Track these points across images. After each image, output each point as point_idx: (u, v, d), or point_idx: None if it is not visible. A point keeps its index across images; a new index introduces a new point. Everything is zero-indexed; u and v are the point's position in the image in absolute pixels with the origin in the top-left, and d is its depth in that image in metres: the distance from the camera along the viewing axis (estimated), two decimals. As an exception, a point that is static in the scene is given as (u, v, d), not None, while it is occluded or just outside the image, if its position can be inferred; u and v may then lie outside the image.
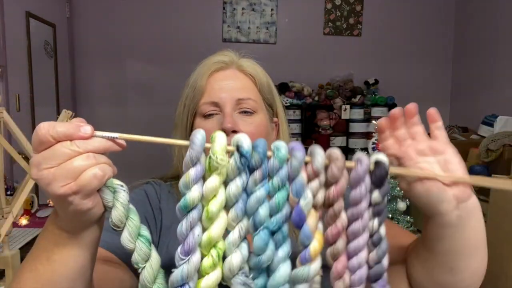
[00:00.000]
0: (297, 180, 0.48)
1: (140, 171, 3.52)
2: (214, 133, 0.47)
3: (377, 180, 0.51)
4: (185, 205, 0.45)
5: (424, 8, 3.83)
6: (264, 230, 0.47)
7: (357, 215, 0.51)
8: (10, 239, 1.62)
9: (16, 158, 1.23)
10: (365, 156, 0.51)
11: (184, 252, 0.45)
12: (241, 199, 0.47)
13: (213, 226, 0.46)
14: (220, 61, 0.79)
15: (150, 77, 3.62)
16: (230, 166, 0.46)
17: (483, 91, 3.46)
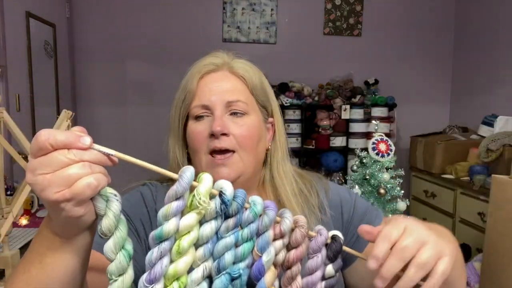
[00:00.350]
0: (264, 236, 0.52)
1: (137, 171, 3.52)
2: (201, 174, 0.50)
3: (331, 254, 0.55)
4: (159, 235, 0.47)
5: (424, 8, 3.83)
6: (226, 275, 0.50)
7: (311, 284, 0.55)
8: (10, 239, 1.62)
9: (16, 158, 1.23)
10: (324, 230, 0.55)
11: (149, 280, 0.46)
12: (211, 241, 0.50)
13: (181, 261, 0.48)
14: (211, 63, 0.79)
15: (150, 77, 3.62)
16: (209, 209, 0.49)
17: (483, 91, 3.46)
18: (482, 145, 2.69)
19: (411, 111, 3.76)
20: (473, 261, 2.29)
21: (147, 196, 0.79)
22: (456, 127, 3.44)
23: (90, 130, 0.48)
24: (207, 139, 0.75)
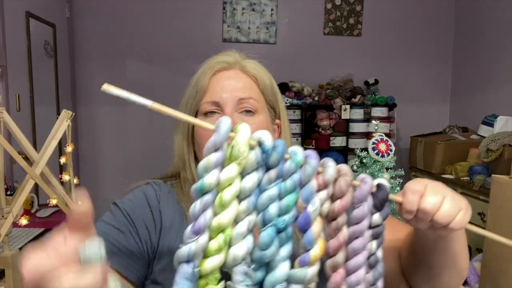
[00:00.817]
0: (308, 187, 0.50)
1: (139, 171, 3.52)
2: (239, 124, 0.49)
3: (378, 203, 0.53)
4: (201, 188, 0.46)
5: (424, 8, 3.83)
6: (272, 227, 0.49)
7: (358, 233, 0.53)
8: (10, 239, 1.62)
9: (16, 158, 1.23)
10: (369, 177, 0.54)
11: (193, 231, 0.46)
12: (254, 194, 0.49)
13: (224, 213, 0.47)
14: (223, 61, 0.80)
15: (150, 77, 3.62)
16: (250, 160, 0.48)
17: (483, 91, 3.46)
18: (482, 145, 2.69)
19: (411, 111, 3.76)
20: (473, 261, 2.29)
21: (151, 195, 0.78)
22: (456, 127, 3.44)
23: (90, 130, 0.48)
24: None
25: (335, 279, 0.52)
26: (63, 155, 1.64)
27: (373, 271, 0.55)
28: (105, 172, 3.67)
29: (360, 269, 0.53)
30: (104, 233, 0.71)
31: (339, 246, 0.52)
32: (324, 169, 0.51)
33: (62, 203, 1.40)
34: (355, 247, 0.53)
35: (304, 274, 0.50)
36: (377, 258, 0.55)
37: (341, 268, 0.53)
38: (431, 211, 0.53)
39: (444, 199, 0.54)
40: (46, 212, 2.28)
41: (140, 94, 0.69)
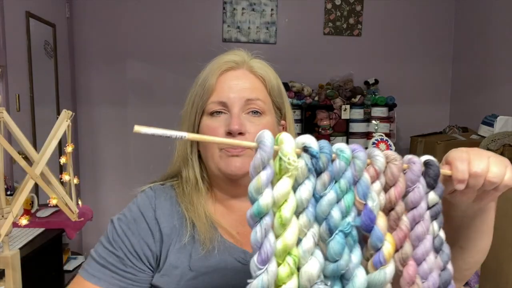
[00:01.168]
0: (362, 181, 0.47)
1: (139, 171, 3.51)
2: (279, 134, 0.46)
3: (431, 180, 0.51)
4: (258, 211, 0.43)
5: (424, 8, 3.83)
6: (340, 233, 0.45)
7: (418, 217, 0.49)
8: (10, 239, 1.62)
9: (16, 158, 1.23)
10: (415, 157, 0.51)
11: (261, 262, 0.42)
12: (310, 204, 0.45)
13: (287, 233, 0.43)
14: (231, 61, 0.79)
15: (150, 77, 3.62)
16: (301, 168, 0.44)
17: (483, 91, 3.46)
18: (482, 145, 2.69)
19: (411, 111, 3.76)
20: (473, 261, 2.29)
21: (145, 206, 0.78)
22: (456, 127, 3.44)
23: (90, 130, 0.47)
24: (221, 136, 0.75)
25: (408, 273, 0.48)
26: (63, 155, 1.64)
27: (441, 254, 0.52)
28: (105, 172, 3.67)
29: (429, 255, 0.49)
30: (103, 258, 0.75)
31: (404, 236, 0.49)
32: (373, 159, 0.49)
33: (62, 203, 1.40)
34: (419, 233, 0.49)
35: (383, 275, 0.46)
36: (441, 240, 0.52)
37: (410, 260, 0.49)
38: (483, 173, 0.53)
39: (489, 159, 0.54)
40: (46, 212, 2.29)
41: (140, 94, 0.70)
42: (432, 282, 0.49)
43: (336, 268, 0.45)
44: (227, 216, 0.80)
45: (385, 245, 0.47)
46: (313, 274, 0.44)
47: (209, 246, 0.74)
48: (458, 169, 0.53)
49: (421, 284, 0.49)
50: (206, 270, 0.73)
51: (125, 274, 0.74)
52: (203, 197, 0.80)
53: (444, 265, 0.51)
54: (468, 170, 0.53)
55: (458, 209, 0.61)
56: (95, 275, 0.74)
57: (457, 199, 0.57)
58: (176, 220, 0.77)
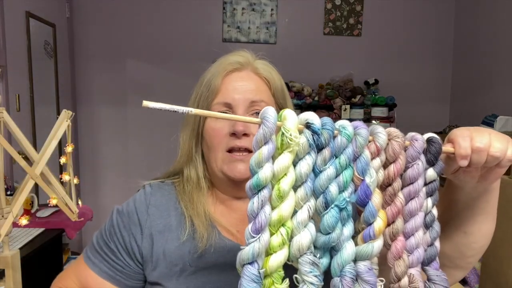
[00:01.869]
0: (362, 158, 0.48)
1: (139, 171, 3.51)
2: (282, 111, 0.47)
3: (432, 157, 0.52)
4: (257, 184, 0.45)
5: (424, 8, 3.83)
6: (335, 208, 0.47)
7: (414, 194, 0.51)
8: (10, 239, 1.62)
9: (16, 158, 1.23)
10: (418, 134, 0.53)
11: (255, 230, 0.45)
12: (309, 178, 0.47)
13: (284, 205, 0.46)
14: (236, 62, 0.79)
15: (150, 77, 3.62)
16: (301, 144, 0.46)
17: (483, 91, 3.46)
18: (482, 145, 2.69)
19: (411, 111, 3.76)
20: (473, 261, 2.29)
21: (140, 201, 0.81)
22: (456, 127, 3.44)
23: (90, 130, 0.47)
24: (226, 137, 0.75)
25: (396, 247, 0.50)
26: (63, 155, 1.64)
27: (430, 231, 0.53)
28: (105, 172, 3.67)
29: (418, 231, 0.51)
30: (99, 245, 0.80)
31: (398, 212, 0.50)
32: (375, 135, 0.50)
33: (62, 203, 1.40)
34: (412, 209, 0.51)
35: (371, 249, 0.48)
36: (433, 217, 0.53)
37: (400, 235, 0.51)
38: (485, 147, 0.54)
39: (491, 135, 0.55)
40: (46, 212, 2.29)
41: (140, 94, 0.71)
42: (417, 256, 0.51)
43: (327, 240, 0.47)
44: (228, 215, 0.81)
45: (377, 221, 0.49)
46: (303, 245, 0.46)
47: (206, 244, 0.74)
48: (460, 146, 0.54)
49: (407, 258, 0.51)
50: (205, 265, 0.74)
51: (115, 264, 0.78)
52: (204, 195, 0.80)
53: (432, 241, 0.53)
54: (471, 146, 0.54)
55: (463, 192, 0.61)
56: (91, 259, 0.80)
57: (461, 178, 0.58)
58: (173, 217, 0.78)
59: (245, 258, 0.45)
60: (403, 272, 0.50)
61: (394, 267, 0.50)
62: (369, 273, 0.48)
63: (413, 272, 0.51)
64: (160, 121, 3.30)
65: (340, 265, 0.48)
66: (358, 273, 0.48)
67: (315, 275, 0.46)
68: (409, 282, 0.51)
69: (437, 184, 0.53)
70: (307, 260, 0.46)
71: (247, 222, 0.81)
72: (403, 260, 0.50)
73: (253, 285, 0.44)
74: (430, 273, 0.53)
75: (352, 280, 0.48)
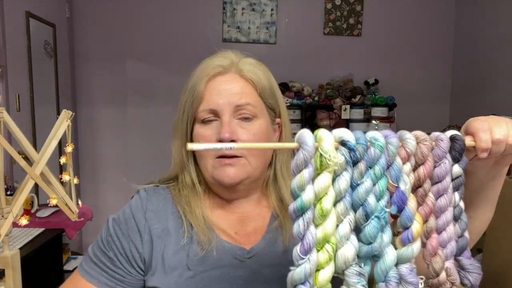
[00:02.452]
0: (395, 166, 0.51)
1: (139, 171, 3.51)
2: (317, 131, 0.49)
3: (457, 154, 0.54)
4: (302, 206, 0.47)
5: (424, 8, 3.83)
6: (375, 218, 0.49)
7: (442, 191, 0.53)
8: (10, 239, 1.62)
9: (16, 158, 1.23)
10: (442, 134, 0.55)
11: (303, 252, 0.46)
12: (348, 193, 0.49)
13: (327, 222, 0.48)
14: (218, 65, 0.77)
15: (150, 77, 3.62)
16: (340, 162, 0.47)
17: (483, 91, 3.46)
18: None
19: (411, 111, 3.76)
20: (473, 261, 2.29)
21: (136, 207, 0.80)
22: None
23: (90, 130, 0.48)
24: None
25: (432, 245, 0.53)
26: (63, 155, 1.64)
27: (459, 223, 0.56)
28: (105, 172, 3.67)
29: (449, 226, 0.54)
30: (96, 256, 0.78)
31: (430, 211, 0.53)
32: (404, 142, 0.52)
33: (62, 203, 1.40)
34: (441, 206, 0.53)
35: (411, 252, 0.50)
36: (461, 209, 0.56)
37: (433, 233, 0.53)
38: (504, 138, 0.55)
39: (508, 124, 0.57)
40: (46, 212, 2.29)
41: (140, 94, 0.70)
42: (450, 250, 0.54)
43: (370, 250, 0.49)
44: (225, 217, 0.80)
45: (414, 224, 0.51)
46: (348, 258, 0.48)
47: (207, 247, 0.74)
48: (481, 140, 0.55)
49: (442, 253, 0.53)
50: (204, 269, 0.74)
51: (114, 274, 0.76)
52: (200, 199, 0.80)
53: (462, 233, 0.56)
54: (491, 138, 0.55)
55: (475, 178, 0.63)
56: (88, 272, 0.77)
57: (476, 164, 0.59)
58: (170, 221, 0.78)
59: (298, 279, 0.47)
60: (440, 267, 0.52)
61: (431, 263, 0.53)
62: (411, 275, 0.50)
63: (448, 265, 0.53)
64: (160, 121, 3.29)
65: (384, 271, 0.50)
66: (401, 276, 0.50)
67: (362, 285, 0.48)
68: (447, 276, 0.53)
69: (463, 178, 0.55)
70: (354, 272, 0.48)
71: (244, 224, 0.81)
72: (439, 256, 0.53)
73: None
74: (464, 263, 0.56)
75: (397, 284, 0.50)
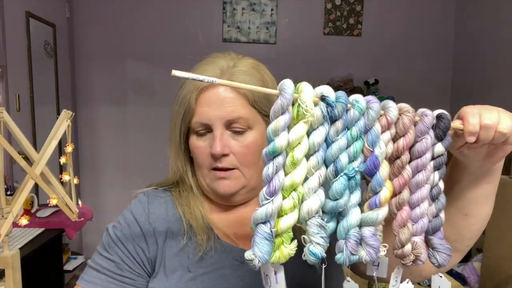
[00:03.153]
0: (373, 131, 0.52)
1: (139, 171, 3.51)
2: (300, 83, 0.50)
3: (440, 132, 0.55)
4: (273, 150, 0.48)
5: (424, 8, 3.83)
6: (344, 176, 0.50)
7: (421, 167, 0.54)
8: (10, 239, 1.62)
9: (16, 158, 1.23)
10: (428, 110, 0.55)
11: (269, 193, 0.48)
12: (322, 148, 0.50)
13: (296, 171, 0.49)
14: None
15: (150, 77, 3.62)
16: (317, 115, 0.49)
17: (483, 91, 3.46)
18: (482, 145, 2.69)
19: (411, 111, 3.76)
20: (473, 261, 2.29)
21: (138, 211, 0.79)
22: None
23: (90, 130, 0.47)
24: (209, 156, 0.74)
25: (401, 216, 0.54)
26: (63, 155, 1.64)
27: (436, 203, 0.56)
28: (105, 172, 3.67)
29: (423, 202, 0.54)
30: (99, 265, 0.76)
31: (404, 183, 0.53)
32: (387, 110, 0.53)
33: (62, 203, 1.40)
34: (418, 181, 0.54)
35: (376, 216, 0.51)
36: (440, 189, 0.56)
37: (406, 205, 0.54)
38: (494, 124, 0.55)
39: (500, 112, 0.56)
40: (46, 212, 2.29)
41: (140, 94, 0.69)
42: (421, 225, 0.55)
43: (335, 206, 0.51)
44: (224, 218, 0.80)
45: (383, 190, 0.52)
46: (312, 209, 0.50)
47: (206, 248, 0.74)
48: (469, 122, 0.55)
49: (411, 227, 0.54)
50: (204, 270, 0.74)
51: (122, 278, 0.75)
52: (199, 200, 0.80)
53: (437, 213, 0.57)
54: (479, 123, 0.55)
55: (467, 171, 0.63)
56: (91, 281, 0.75)
57: (465, 153, 0.59)
58: (172, 223, 0.78)
59: (259, 218, 0.48)
60: (407, 239, 0.54)
61: (398, 234, 0.54)
62: (373, 238, 0.52)
63: (416, 240, 0.55)
64: (160, 121, 3.29)
65: (346, 229, 0.51)
66: (363, 238, 0.52)
67: (322, 236, 0.50)
68: (412, 249, 0.54)
69: (444, 158, 0.56)
70: (315, 223, 0.50)
71: (243, 225, 0.81)
72: (407, 228, 0.54)
73: (265, 242, 0.48)
74: (434, 242, 0.57)
75: (356, 243, 0.51)
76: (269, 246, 0.48)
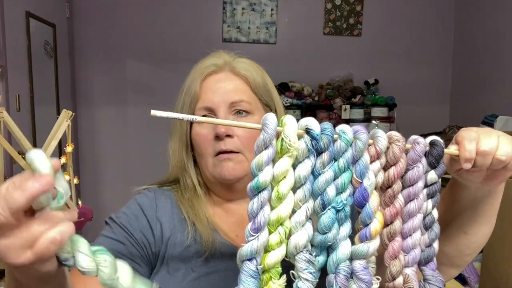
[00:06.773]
0: (361, 162, 0.50)
1: (139, 171, 3.51)
2: (283, 117, 0.50)
3: (433, 160, 0.53)
4: (257, 186, 0.48)
5: (424, 8, 3.83)
6: (332, 209, 0.49)
7: (413, 195, 0.52)
8: (10, 239, 1.61)
9: (16, 158, 1.23)
10: (421, 138, 0.54)
11: (254, 229, 0.47)
12: (308, 181, 0.49)
13: (282, 206, 0.48)
14: (212, 64, 0.79)
15: (150, 77, 3.62)
16: (300, 149, 0.48)
17: (483, 91, 3.46)
18: (482, 145, 2.69)
19: (411, 111, 3.76)
20: (473, 261, 2.29)
21: (147, 205, 0.78)
22: (456, 127, 3.44)
23: (90, 130, 0.47)
24: (212, 142, 0.75)
25: (393, 247, 0.52)
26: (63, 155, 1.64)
27: (429, 232, 0.54)
28: (105, 172, 3.67)
29: (415, 232, 0.53)
30: (105, 246, 0.72)
31: (396, 213, 0.52)
32: (376, 139, 0.52)
33: (62, 203, 1.40)
34: (410, 210, 0.52)
35: (366, 249, 0.50)
36: (433, 218, 0.54)
37: (397, 236, 0.52)
38: (491, 151, 0.53)
39: (499, 137, 0.54)
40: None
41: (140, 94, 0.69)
42: (413, 256, 0.53)
43: (323, 240, 0.50)
44: (226, 219, 0.81)
45: (373, 222, 0.51)
46: (300, 243, 0.49)
47: (211, 249, 0.74)
48: (465, 148, 0.53)
49: (403, 258, 0.52)
50: (207, 271, 0.74)
51: (128, 257, 0.72)
52: (202, 201, 0.80)
53: (430, 243, 0.55)
54: (476, 149, 0.53)
55: (467, 191, 0.61)
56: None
57: (464, 177, 0.57)
58: (176, 222, 0.77)
59: (244, 255, 0.48)
60: (398, 271, 0.52)
61: (389, 266, 0.52)
62: (364, 272, 0.50)
63: (408, 272, 0.53)
64: (160, 121, 3.29)
65: (335, 263, 0.50)
66: (354, 271, 0.50)
67: (310, 272, 0.48)
68: (404, 282, 0.52)
69: (438, 186, 0.54)
70: (303, 258, 0.49)
71: (244, 226, 0.81)
72: (399, 260, 0.52)
73: (251, 280, 0.47)
74: (426, 273, 0.55)
75: (346, 278, 0.49)
76: (255, 284, 0.47)
